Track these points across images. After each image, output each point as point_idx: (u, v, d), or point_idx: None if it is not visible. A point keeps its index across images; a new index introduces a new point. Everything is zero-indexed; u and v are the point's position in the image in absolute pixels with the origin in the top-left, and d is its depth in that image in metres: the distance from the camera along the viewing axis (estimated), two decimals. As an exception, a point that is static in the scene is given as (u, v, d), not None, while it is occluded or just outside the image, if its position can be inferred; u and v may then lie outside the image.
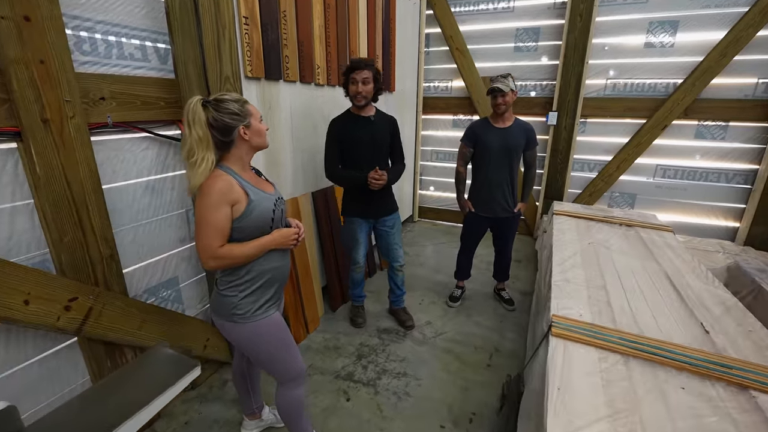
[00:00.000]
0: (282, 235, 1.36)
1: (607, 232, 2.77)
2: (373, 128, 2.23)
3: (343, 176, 2.25)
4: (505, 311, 2.85)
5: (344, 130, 2.21)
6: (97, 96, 1.48)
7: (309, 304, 2.52)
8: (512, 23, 3.93)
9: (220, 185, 1.22)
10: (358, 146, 2.22)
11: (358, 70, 2.09)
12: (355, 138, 2.20)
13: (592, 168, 4.01)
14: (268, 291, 1.40)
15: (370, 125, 2.22)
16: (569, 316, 1.60)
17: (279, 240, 1.35)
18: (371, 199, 2.28)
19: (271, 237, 1.34)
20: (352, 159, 2.23)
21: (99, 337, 1.53)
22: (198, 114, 1.19)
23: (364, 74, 2.09)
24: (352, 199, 2.34)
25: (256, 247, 1.30)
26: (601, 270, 2.13)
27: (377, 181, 2.15)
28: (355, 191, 2.31)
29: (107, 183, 1.59)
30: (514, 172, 2.57)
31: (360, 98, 2.13)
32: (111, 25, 1.52)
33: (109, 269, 1.56)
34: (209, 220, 1.21)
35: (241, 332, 1.37)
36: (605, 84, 3.74)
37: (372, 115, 2.24)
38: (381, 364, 2.25)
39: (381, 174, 2.15)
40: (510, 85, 2.37)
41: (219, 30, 1.75)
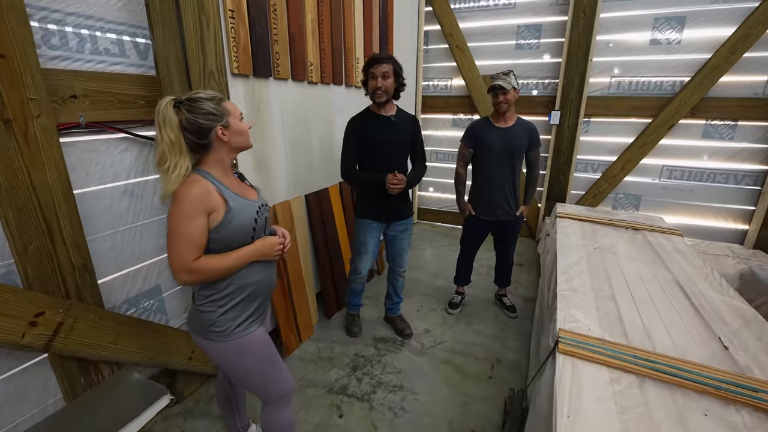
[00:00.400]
0: (265, 245, 1.25)
1: (614, 236, 2.65)
2: (394, 128, 2.11)
3: (359, 178, 2.14)
4: (506, 318, 2.74)
5: (363, 130, 2.08)
6: (68, 94, 1.37)
7: (302, 311, 2.41)
8: (513, 20, 3.82)
9: (196, 192, 1.11)
10: (378, 147, 2.08)
11: (377, 64, 1.96)
12: (375, 138, 2.07)
13: (596, 169, 3.90)
14: (250, 306, 1.29)
15: (391, 125, 2.10)
16: (577, 331, 1.49)
17: (262, 251, 1.24)
18: (388, 201, 2.16)
19: (253, 247, 1.22)
20: (372, 160, 2.10)
21: (70, 353, 1.42)
22: (169, 116, 1.08)
23: (383, 68, 1.97)
24: (368, 199, 2.21)
25: (236, 258, 1.18)
26: (608, 277, 2.01)
27: (395, 186, 2.01)
28: (371, 192, 2.18)
29: (80, 187, 1.48)
30: (516, 174, 2.46)
31: (380, 94, 1.99)
32: (84, 18, 1.41)
33: (82, 280, 1.45)
34: (182, 231, 1.10)
35: (221, 351, 1.26)
36: (609, 82, 3.63)
37: (393, 114, 2.12)
38: (377, 377, 2.14)
39: (400, 178, 2.02)
40: (512, 83, 2.26)
41: (203, 23, 1.63)
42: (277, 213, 2.22)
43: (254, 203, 1.27)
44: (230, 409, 1.58)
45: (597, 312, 1.66)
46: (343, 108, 2.78)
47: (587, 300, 1.76)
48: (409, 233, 2.38)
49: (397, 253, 2.39)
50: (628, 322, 1.61)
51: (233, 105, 1.22)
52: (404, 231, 2.33)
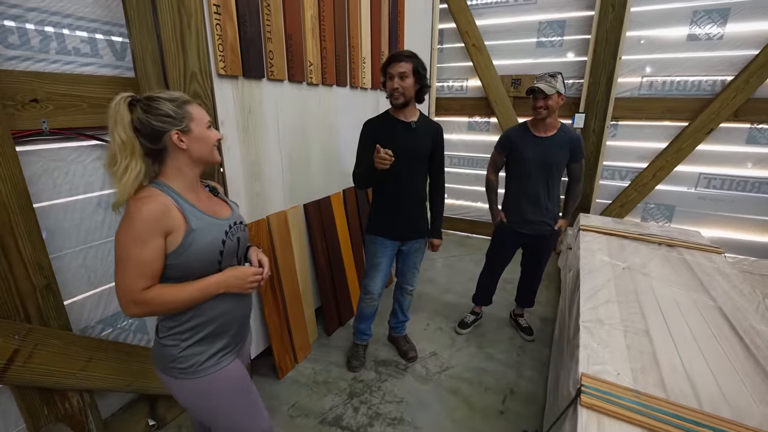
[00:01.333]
0: (236, 275, 1.08)
1: (645, 254, 2.38)
2: (414, 136, 1.87)
3: (362, 175, 1.87)
4: (522, 342, 2.50)
5: (379, 135, 1.84)
6: (28, 98, 1.24)
7: (298, 330, 2.24)
8: (535, 16, 3.56)
9: (149, 210, 0.94)
10: (394, 155, 1.72)
11: (394, 62, 1.76)
12: (391, 145, 1.75)
13: (624, 176, 3.59)
14: (220, 339, 1.12)
15: (411, 132, 1.87)
16: (604, 377, 1.26)
17: (232, 282, 1.07)
18: (404, 216, 1.96)
19: (220, 277, 1.05)
20: (383, 171, 1.78)
21: (31, 383, 1.29)
22: (120, 114, 0.94)
23: (401, 67, 1.75)
24: (380, 214, 2.00)
25: (198, 290, 1.02)
26: (640, 306, 1.76)
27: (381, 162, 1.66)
28: (387, 205, 1.97)
29: (46, 200, 1.35)
30: (553, 187, 2.20)
31: (397, 95, 1.78)
32: (48, 14, 1.28)
33: (46, 301, 1.32)
34: (131, 256, 0.93)
35: (184, 389, 1.10)
36: (640, 82, 3.32)
37: (414, 120, 1.88)
38: (375, 406, 1.95)
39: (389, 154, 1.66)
40: (557, 87, 1.97)
41: (183, 20, 1.49)
42: (271, 224, 2.06)
43: (223, 222, 1.11)
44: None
45: (628, 351, 1.42)
46: (348, 111, 2.61)
47: (616, 335, 1.52)
48: (423, 251, 2.17)
49: (408, 269, 2.18)
50: (666, 364, 1.36)
51: (201, 111, 1.06)
52: (418, 249, 2.13)
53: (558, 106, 2.02)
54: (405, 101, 1.82)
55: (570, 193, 2.30)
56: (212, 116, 1.67)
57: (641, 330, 1.57)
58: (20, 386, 1.29)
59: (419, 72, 1.80)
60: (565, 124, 2.14)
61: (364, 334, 2.27)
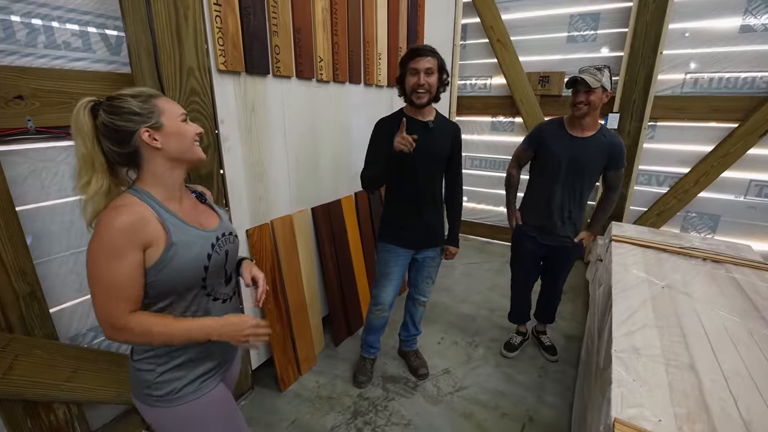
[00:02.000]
0: (232, 323, 0.94)
1: (687, 270, 2.13)
2: (432, 136, 1.73)
3: (372, 175, 1.73)
4: (545, 362, 2.30)
5: (394, 135, 1.64)
6: (12, 94, 1.16)
7: (302, 341, 2.13)
8: (566, 9, 3.32)
9: (123, 220, 0.83)
10: (410, 157, 1.61)
11: (420, 57, 1.62)
12: None
13: (662, 182, 3.30)
14: (202, 364, 1.01)
15: (428, 132, 1.72)
16: (641, 425, 1.07)
17: (227, 330, 0.94)
18: (420, 224, 1.82)
19: (217, 325, 0.93)
20: (400, 171, 1.72)
21: (12, 395, 1.23)
22: (81, 122, 0.83)
23: (428, 62, 1.61)
24: (395, 221, 1.86)
25: (185, 331, 0.90)
26: (683, 333, 1.54)
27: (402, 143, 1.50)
28: (399, 211, 1.84)
29: (32, 202, 1.28)
30: (584, 195, 1.96)
31: (422, 93, 1.64)
32: (35, 6, 1.21)
33: (29, 309, 1.25)
34: (103, 275, 0.82)
35: (161, 418, 0.99)
36: (684, 79, 3.03)
37: (431, 119, 1.75)
38: (380, 428, 1.81)
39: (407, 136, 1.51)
40: (602, 81, 1.72)
41: (179, 11, 1.39)
42: (275, 229, 1.96)
43: (210, 234, 0.99)
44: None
45: (670, 391, 1.22)
46: (361, 109, 2.48)
47: (656, 369, 1.31)
48: (438, 261, 2.01)
49: (422, 279, 2.02)
50: (717, 408, 1.15)
51: (172, 104, 0.94)
52: (434, 258, 1.98)
53: (601, 104, 1.80)
54: (429, 99, 1.67)
55: (602, 204, 2.06)
56: (211, 114, 1.58)
57: (685, 364, 1.36)
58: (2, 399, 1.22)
59: (443, 68, 1.67)
60: (605, 126, 1.91)
61: (372, 347, 2.13)
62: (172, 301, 0.93)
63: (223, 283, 1.04)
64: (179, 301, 0.94)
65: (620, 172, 1.93)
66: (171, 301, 0.93)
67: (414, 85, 1.64)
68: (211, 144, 1.59)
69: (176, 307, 0.94)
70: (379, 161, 1.69)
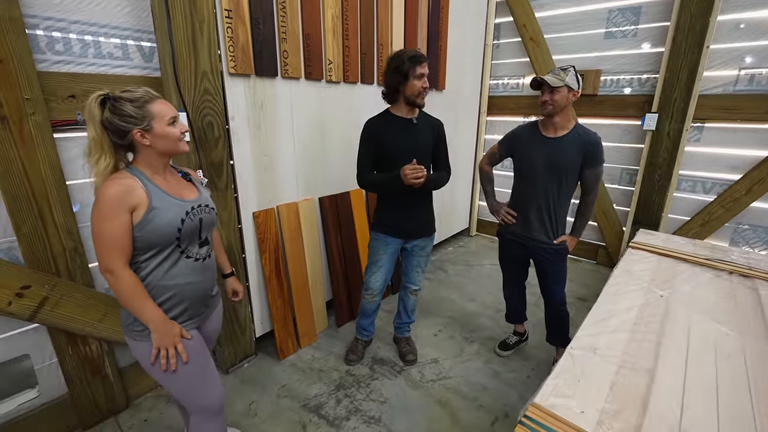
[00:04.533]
0: (171, 331, 1.20)
1: (702, 283, 1.98)
2: (416, 132, 1.91)
3: (373, 181, 1.93)
4: (537, 363, 2.26)
5: (381, 133, 1.91)
6: (66, 94, 1.52)
7: (303, 317, 2.35)
8: (603, 4, 3.17)
9: (113, 191, 1.09)
10: (397, 152, 1.87)
11: (425, 62, 1.81)
12: (394, 143, 1.88)
13: (709, 189, 3.00)
14: (173, 310, 1.24)
15: (412, 128, 1.90)
16: (557, 412, 1.09)
17: (162, 330, 1.18)
18: (409, 215, 1.97)
19: (161, 320, 1.18)
20: (389, 167, 1.89)
21: (56, 326, 1.59)
22: (92, 112, 1.10)
23: (427, 68, 1.82)
24: (385, 211, 2.01)
25: (139, 309, 1.15)
26: (659, 342, 1.47)
27: (414, 174, 1.73)
28: (390, 202, 1.99)
29: (82, 178, 1.64)
30: (561, 197, 1.92)
31: (423, 97, 1.85)
32: (87, 25, 1.55)
33: (73, 261, 1.61)
34: (101, 231, 1.09)
35: (140, 350, 1.24)
36: (737, 76, 2.74)
37: (414, 116, 1.92)
38: (357, 402, 1.95)
39: (419, 167, 1.74)
40: (565, 80, 1.74)
41: (195, 24, 1.67)
42: (280, 213, 2.20)
43: (186, 203, 1.23)
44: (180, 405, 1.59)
45: (610, 389, 1.21)
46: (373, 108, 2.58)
47: (604, 369, 1.30)
48: (428, 251, 2.12)
49: (412, 268, 2.14)
50: (655, 413, 1.13)
51: (165, 106, 1.18)
52: (423, 248, 2.09)
53: (568, 103, 1.77)
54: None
55: (580, 207, 1.96)
56: (222, 111, 1.85)
57: (643, 368, 1.32)
58: (50, 327, 1.59)
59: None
60: (581, 125, 1.85)
61: (365, 330, 2.28)
62: (153, 254, 1.18)
63: (197, 245, 1.27)
64: (158, 255, 1.18)
65: (597, 171, 1.84)
66: (152, 254, 1.18)
67: (420, 88, 1.81)
68: (221, 137, 1.86)
69: (155, 258, 1.18)
70: (370, 161, 1.92)
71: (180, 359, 1.24)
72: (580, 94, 3.18)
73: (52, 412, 1.68)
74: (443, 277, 3.36)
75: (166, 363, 1.21)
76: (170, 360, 1.21)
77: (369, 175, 1.94)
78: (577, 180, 1.93)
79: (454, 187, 3.84)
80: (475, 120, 3.96)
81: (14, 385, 1.27)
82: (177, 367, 1.24)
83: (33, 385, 1.31)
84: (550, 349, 2.36)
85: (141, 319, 1.17)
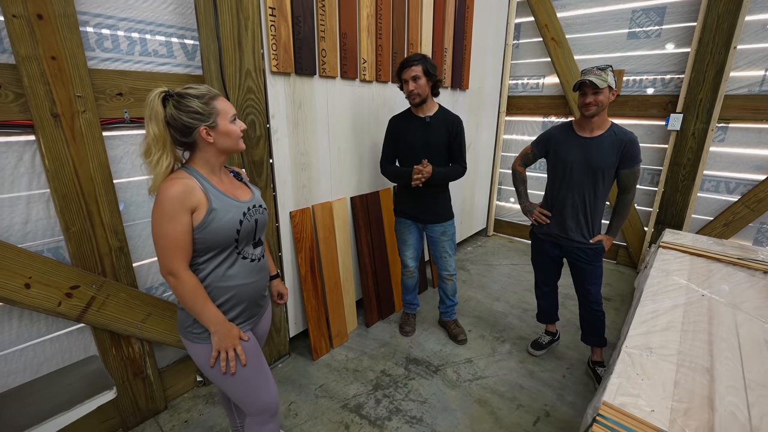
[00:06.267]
0: (231, 334, 1.18)
1: (739, 282, 1.98)
2: (427, 130, 2.09)
3: (391, 171, 2.19)
4: (572, 363, 2.26)
5: (399, 130, 2.14)
6: (114, 92, 1.50)
7: (335, 317, 2.34)
8: (627, 4, 3.17)
9: (175, 191, 1.07)
10: (410, 148, 2.12)
11: (406, 68, 1.98)
12: (407, 139, 2.11)
13: (733, 189, 3.01)
14: (231, 311, 1.23)
15: (424, 127, 2.09)
16: (630, 411, 1.09)
17: (223, 334, 1.17)
18: (420, 202, 2.17)
19: (221, 322, 1.16)
20: (404, 160, 2.17)
21: (102, 326, 1.57)
22: (155, 109, 1.07)
23: (413, 71, 1.97)
24: (402, 198, 2.26)
25: (200, 312, 1.13)
26: (710, 340, 1.48)
27: (418, 175, 2.01)
28: (404, 191, 2.22)
29: (125, 177, 1.63)
30: (597, 197, 1.91)
31: (414, 96, 2.01)
32: (135, 22, 1.54)
33: (118, 261, 1.60)
34: (163, 232, 1.07)
35: (198, 353, 1.22)
36: (764, 76, 2.75)
37: (429, 115, 2.09)
38: (397, 402, 1.95)
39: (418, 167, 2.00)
40: (608, 80, 1.74)
41: (240, 22, 1.66)
42: (315, 213, 2.19)
43: (243, 204, 1.21)
44: (228, 406, 1.57)
45: (675, 388, 1.21)
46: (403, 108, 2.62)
47: (665, 367, 1.30)
48: (449, 236, 2.28)
49: (439, 256, 2.31)
50: (724, 411, 1.13)
51: (226, 105, 1.17)
52: (443, 233, 2.26)
53: (608, 103, 1.78)
54: (421, 100, 2.02)
55: (616, 206, 1.95)
56: (264, 110, 1.84)
57: (702, 367, 1.32)
58: (96, 327, 1.58)
59: (429, 71, 1.98)
60: (616, 124, 1.86)
61: (411, 303, 2.52)
62: (211, 256, 1.16)
63: (251, 245, 1.26)
64: (217, 256, 1.17)
65: (634, 170, 1.83)
66: (211, 255, 1.16)
67: (407, 91, 2.01)
68: (262, 136, 1.85)
69: (214, 260, 1.17)
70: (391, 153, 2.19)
71: (239, 361, 1.23)
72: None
73: (95, 413, 1.64)
74: (466, 277, 3.35)
75: (226, 365, 1.20)
76: (230, 362, 1.20)
77: (390, 165, 2.20)
78: (612, 180, 1.93)
79: (474, 188, 3.84)
80: (494, 120, 3.95)
81: (91, 387, 1.25)
82: (236, 370, 1.22)
83: (110, 386, 1.29)
84: (583, 348, 2.36)
85: (201, 321, 1.16)
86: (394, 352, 2.34)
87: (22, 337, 1.46)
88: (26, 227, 1.41)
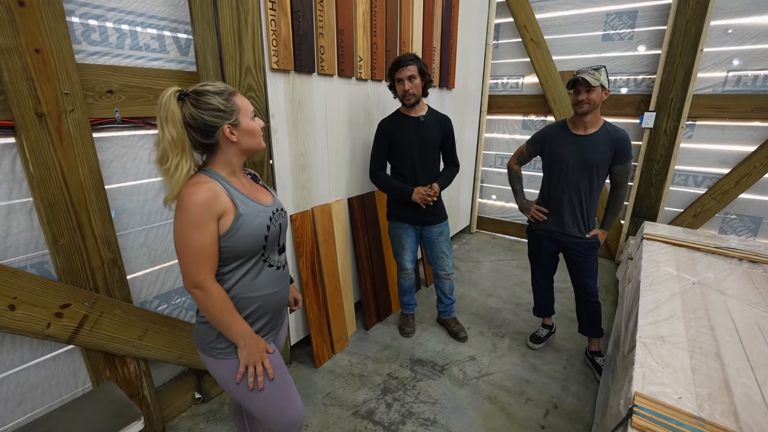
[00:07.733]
0: (260, 348, 1.12)
1: (721, 269, 2.12)
2: (423, 129, 2.08)
3: (386, 183, 2.14)
4: (570, 353, 2.33)
5: (392, 132, 2.09)
6: (104, 89, 1.37)
7: (337, 322, 2.28)
8: (601, 7, 3.31)
9: (202, 196, 0.97)
10: (406, 149, 2.08)
11: (401, 68, 1.95)
12: (403, 140, 2.07)
13: (700, 183, 3.23)
14: (257, 322, 1.16)
15: (420, 126, 2.08)
16: (661, 399, 1.13)
17: (252, 348, 1.10)
18: (418, 205, 2.12)
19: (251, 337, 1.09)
20: (400, 162, 2.13)
21: (95, 347, 1.43)
22: (171, 110, 0.95)
23: (409, 71, 1.95)
24: (397, 203, 2.20)
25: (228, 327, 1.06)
26: (711, 325, 1.57)
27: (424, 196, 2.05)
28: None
29: (116, 182, 1.49)
30: (592, 193, 1.98)
31: (409, 97, 2.00)
32: (125, 13, 1.41)
33: (111, 274, 1.46)
34: (189, 242, 0.97)
35: (221, 369, 1.14)
36: (725, 77, 2.96)
37: (422, 114, 2.09)
38: (408, 405, 1.92)
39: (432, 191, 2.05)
40: (600, 80, 1.80)
41: (240, 16, 1.57)
42: (315, 216, 2.11)
43: (268, 208, 1.14)
44: (242, 423, 1.48)
45: (693, 374, 1.27)
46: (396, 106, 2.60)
47: (679, 355, 1.36)
48: (445, 236, 2.29)
49: (437, 256, 2.30)
50: (740, 393, 1.19)
51: (245, 100, 1.09)
52: (440, 234, 2.26)
53: (601, 102, 1.84)
54: (416, 100, 2.01)
55: (610, 201, 2.04)
56: (264, 108, 1.75)
57: (711, 352, 1.39)
58: (88, 348, 1.43)
59: (423, 71, 1.99)
60: (609, 122, 1.93)
61: (409, 304, 2.50)
62: (238, 265, 1.08)
63: (276, 252, 1.19)
64: (243, 265, 1.09)
65: (627, 167, 1.91)
66: (238, 264, 1.08)
67: (402, 91, 1.99)
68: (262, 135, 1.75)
69: (240, 269, 1.09)
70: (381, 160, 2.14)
71: (266, 376, 1.16)
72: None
73: (87, 443, 1.51)
74: (457, 275, 3.38)
75: (254, 381, 1.13)
76: (257, 378, 1.13)
77: (383, 174, 2.15)
78: (606, 175, 2.00)
79: (460, 186, 3.88)
80: (476, 119, 4.01)
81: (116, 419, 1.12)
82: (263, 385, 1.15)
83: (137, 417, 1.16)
84: (578, 339, 2.44)
85: (229, 335, 1.08)
86: (398, 354, 2.32)
87: (3, 366, 1.30)
88: (6, 241, 1.25)
